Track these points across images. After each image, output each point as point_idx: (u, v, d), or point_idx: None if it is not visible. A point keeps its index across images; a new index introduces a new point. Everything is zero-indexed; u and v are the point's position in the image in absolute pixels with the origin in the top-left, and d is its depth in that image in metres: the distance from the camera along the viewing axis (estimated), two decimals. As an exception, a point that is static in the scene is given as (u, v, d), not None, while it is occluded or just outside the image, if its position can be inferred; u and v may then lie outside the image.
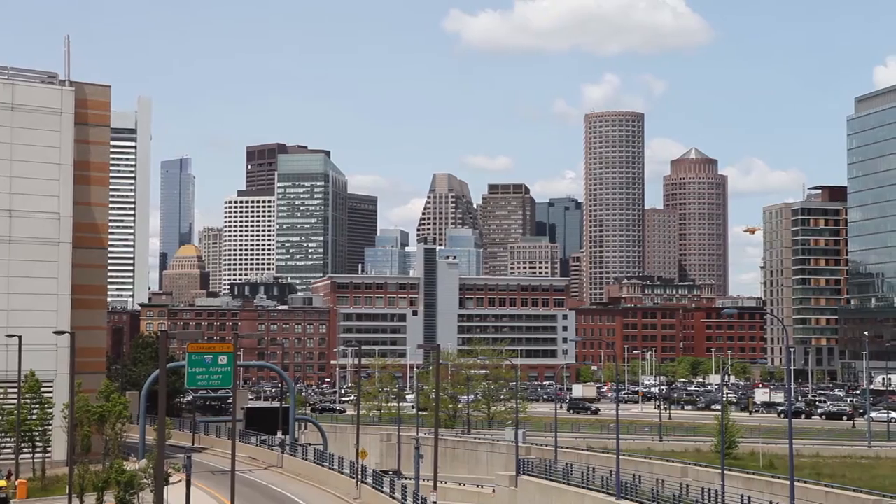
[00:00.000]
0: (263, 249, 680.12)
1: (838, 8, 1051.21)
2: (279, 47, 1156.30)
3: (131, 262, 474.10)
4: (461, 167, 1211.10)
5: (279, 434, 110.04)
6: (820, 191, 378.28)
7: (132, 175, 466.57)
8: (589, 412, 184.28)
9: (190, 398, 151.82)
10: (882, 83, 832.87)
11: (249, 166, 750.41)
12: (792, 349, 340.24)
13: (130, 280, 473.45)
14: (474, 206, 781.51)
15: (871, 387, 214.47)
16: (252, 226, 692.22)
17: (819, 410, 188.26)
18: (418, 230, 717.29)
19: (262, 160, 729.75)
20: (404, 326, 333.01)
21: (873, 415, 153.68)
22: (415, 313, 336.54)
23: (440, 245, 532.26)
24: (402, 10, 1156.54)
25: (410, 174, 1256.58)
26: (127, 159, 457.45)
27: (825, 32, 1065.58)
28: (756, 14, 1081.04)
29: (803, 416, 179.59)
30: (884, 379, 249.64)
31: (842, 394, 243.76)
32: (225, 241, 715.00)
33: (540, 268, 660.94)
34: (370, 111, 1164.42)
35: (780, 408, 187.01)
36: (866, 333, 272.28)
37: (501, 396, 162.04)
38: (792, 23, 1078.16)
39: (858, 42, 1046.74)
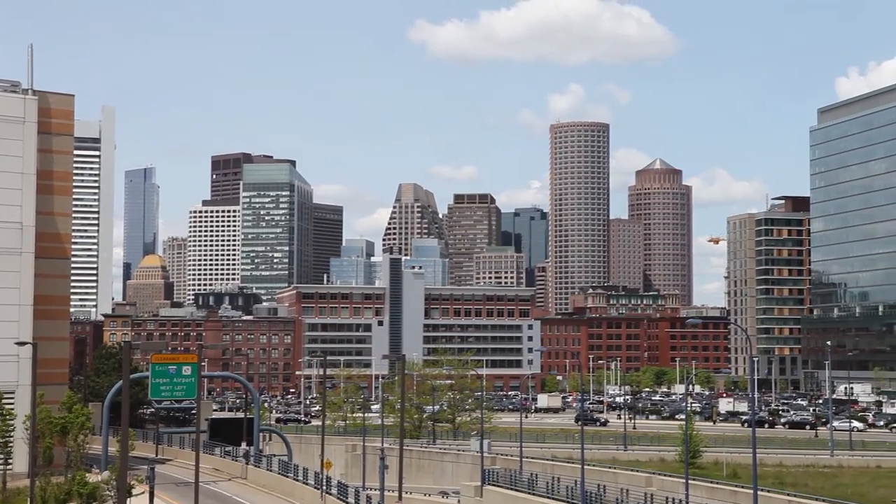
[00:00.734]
0: (228, 259, 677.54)
1: (801, 20, 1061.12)
2: (244, 56, 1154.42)
3: (95, 272, 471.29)
4: (427, 177, 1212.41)
5: (243, 445, 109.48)
6: (783, 201, 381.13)
7: (96, 184, 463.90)
8: (598, 424, 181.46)
9: (153, 409, 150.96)
10: (844, 94, 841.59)
11: (214, 176, 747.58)
12: (755, 359, 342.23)
13: (94, 290, 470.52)
14: (440, 215, 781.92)
15: (834, 396, 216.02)
16: (217, 236, 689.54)
17: (782, 420, 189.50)
18: (384, 240, 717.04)
19: (227, 170, 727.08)
20: (370, 336, 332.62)
21: (836, 424, 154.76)
22: (380, 323, 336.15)
23: (406, 255, 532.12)
24: (368, 20, 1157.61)
25: (376, 184, 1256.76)
26: (90, 169, 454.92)
27: (788, 44, 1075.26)
28: (720, 25, 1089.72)
29: (767, 425, 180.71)
30: (846, 388, 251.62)
31: (805, 403, 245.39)
32: (189, 251, 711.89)
33: (505, 278, 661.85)
34: (336, 121, 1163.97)
35: (744, 417, 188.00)
36: (829, 343, 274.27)
37: (467, 406, 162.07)
38: (756, 34, 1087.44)
39: (821, 53, 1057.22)
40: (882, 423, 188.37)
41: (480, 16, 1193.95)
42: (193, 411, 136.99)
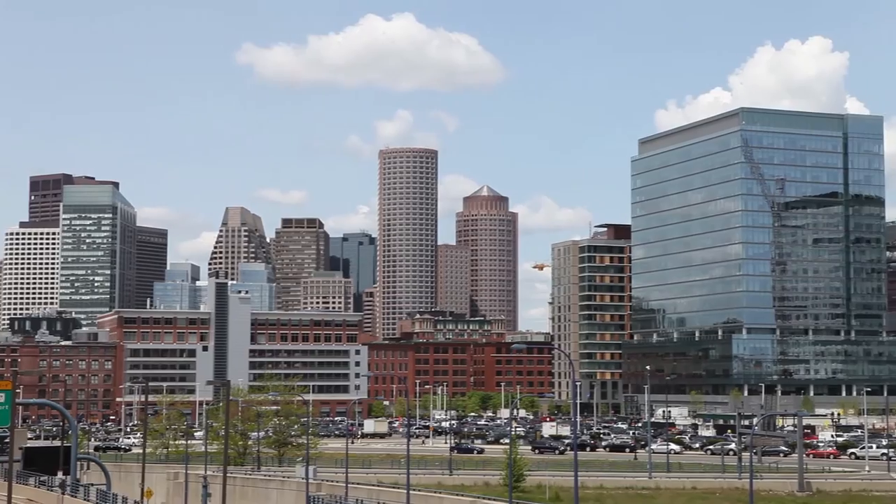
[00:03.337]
0: (46, 283, 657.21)
1: (623, 53, 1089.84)
2: (65, 74, 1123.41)
3: None
4: (254, 200, 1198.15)
5: (60, 474, 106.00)
6: (606, 229, 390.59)
7: None
8: (556, 452, 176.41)
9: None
10: (663, 126, 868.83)
11: (33, 197, 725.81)
12: (578, 383, 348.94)
13: None
14: (267, 240, 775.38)
15: (653, 419, 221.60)
16: (34, 258, 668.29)
17: (603, 443, 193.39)
18: (210, 264, 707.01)
19: (47, 191, 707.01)
20: (194, 362, 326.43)
21: (654, 447, 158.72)
22: (205, 349, 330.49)
23: (232, 279, 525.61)
24: (193, 42, 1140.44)
25: (202, 207, 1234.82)
26: None
27: (611, 75, 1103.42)
28: (547, 55, 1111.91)
29: (588, 448, 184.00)
30: (664, 412, 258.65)
31: (625, 426, 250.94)
32: (5, 274, 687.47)
33: (333, 303, 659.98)
34: (160, 142, 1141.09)
35: (567, 441, 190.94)
36: (648, 368, 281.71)
37: (293, 432, 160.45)
38: (580, 65, 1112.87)
39: (641, 85, 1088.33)
40: (698, 445, 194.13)
41: (309, 40, 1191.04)
42: (6, 440, 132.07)
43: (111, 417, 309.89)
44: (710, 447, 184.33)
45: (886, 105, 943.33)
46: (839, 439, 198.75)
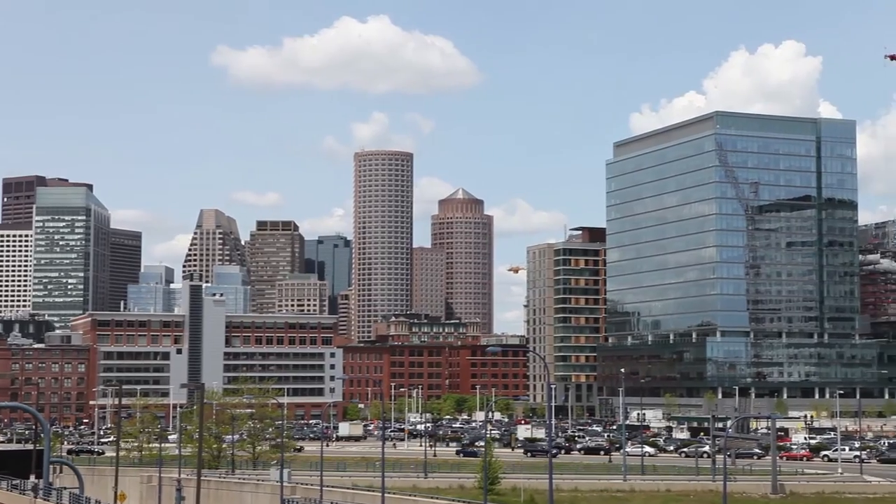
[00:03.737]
0: (19, 285, 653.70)
1: (598, 56, 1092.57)
2: (38, 76, 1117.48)
3: None
4: (229, 203, 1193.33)
5: (32, 478, 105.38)
6: (581, 232, 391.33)
7: None
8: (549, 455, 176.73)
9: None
10: (638, 129, 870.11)
11: (6, 199, 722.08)
12: (553, 386, 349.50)
13: None
14: (242, 242, 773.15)
15: (627, 422, 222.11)
16: (7, 260, 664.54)
17: (578, 445, 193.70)
18: (184, 267, 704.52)
19: (20, 193, 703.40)
20: (168, 365, 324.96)
21: (629, 449, 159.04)
22: (179, 352, 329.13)
23: (207, 282, 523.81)
24: (168, 44, 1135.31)
25: (176, 209, 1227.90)
26: None
27: (586, 79, 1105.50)
28: (522, 58, 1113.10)
29: (563, 451, 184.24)
30: (639, 414, 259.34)
31: (600, 429, 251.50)
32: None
33: (308, 305, 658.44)
34: (135, 144, 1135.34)
35: (541, 444, 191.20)
36: (623, 370, 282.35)
37: (267, 435, 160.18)
38: (556, 68, 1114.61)
39: (616, 89, 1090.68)
40: (672, 447, 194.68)
41: (284, 42, 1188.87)
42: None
43: (84, 421, 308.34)
44: (685, 450, 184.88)
45: (859, 109, 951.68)
46: (812, 442, 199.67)
